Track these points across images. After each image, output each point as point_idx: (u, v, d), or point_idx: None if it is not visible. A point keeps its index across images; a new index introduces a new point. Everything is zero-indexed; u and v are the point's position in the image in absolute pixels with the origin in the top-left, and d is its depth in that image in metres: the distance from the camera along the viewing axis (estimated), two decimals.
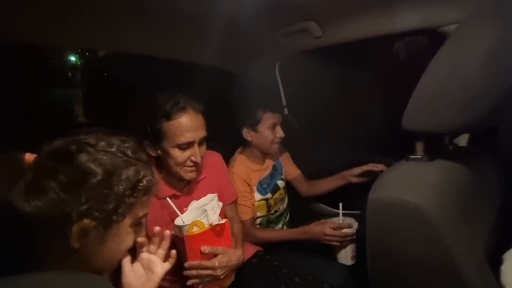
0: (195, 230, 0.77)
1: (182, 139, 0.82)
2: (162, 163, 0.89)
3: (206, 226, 0.78)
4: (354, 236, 1.01)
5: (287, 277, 0.99)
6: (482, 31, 0.44)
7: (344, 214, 1.07)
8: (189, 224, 0.76)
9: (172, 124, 0.81)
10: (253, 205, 1.17)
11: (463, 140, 0.75)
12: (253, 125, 1.14)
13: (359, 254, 1.04)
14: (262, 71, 1.44)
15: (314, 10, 0.88)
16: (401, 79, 0.71)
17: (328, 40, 1.06)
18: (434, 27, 0.77)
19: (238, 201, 1.11)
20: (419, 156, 0.55)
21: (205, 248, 0.78)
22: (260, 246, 1.16)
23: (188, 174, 0.87)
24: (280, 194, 1.27)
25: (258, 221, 1.22)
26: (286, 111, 1.51)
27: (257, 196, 1.20)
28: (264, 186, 1.21)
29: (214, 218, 0.81)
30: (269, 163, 1.25)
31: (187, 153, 0.84)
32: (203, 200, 0.89)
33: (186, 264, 0.78)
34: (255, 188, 1.19)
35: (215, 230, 0.79)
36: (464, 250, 0.44)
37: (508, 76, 0.42)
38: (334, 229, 1.00)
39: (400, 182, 0.50)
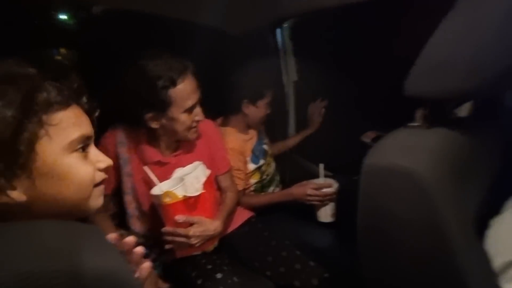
0: (167, 200, 0.78)
1: (190, 102, 0.83)
2: (154, 131, 0.88)
3: (180, 197, 0.78)
4: (334, 196, 1.06)
5: (275, 249, 1.02)
6: None
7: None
8: (161, 194, 0.78)
9: (178, 90, 0.81)
10: (245, 177, 1.18)
11: (464, 111, 0.74)
12: (255, 99, 1.15)
13: (348, 222, 1.09)
14: (263, 38, 1.38)
15: None
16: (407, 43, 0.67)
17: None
18: None
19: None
20: (418, 124, 0.55)
21: (179, 218, 0.81)
22: (253, 211, 1.20)
23: (194, 134, 0.90)
24: (269, 157, 1.31)
25: (252, 187, 1.25)
26: (296, 77, 1.51)
27: (251, 166, 1.22)
28: (257, 154, 1.24)
29: (198, 186, 0.81)
30: (253, 132, 1.27)
31: (192, 114, 0.86)
32: (188, 167, 0.89)
33: (162, 230, 0.82)
34: (249, 159, 1.21)
35: (188, 202, 0.80)
36: (453, 214, 0.45)
37: None
38: (315, 189, 1.04)
39: (396, 148, 0.50)
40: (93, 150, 0.48)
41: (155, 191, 0.82)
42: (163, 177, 0.86)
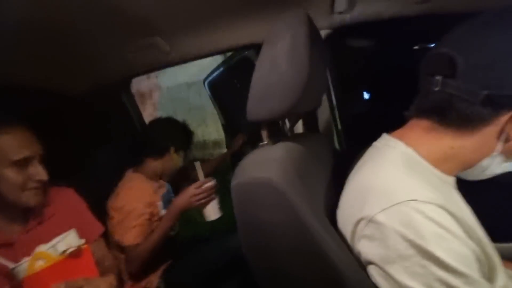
0: (40, 265, 0.61)
1: (19, 155, 0.70)
2: None
3: (57, 256, 0.63)
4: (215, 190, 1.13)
5: None
6: (283, 36, 0.57)
7: None
8: (28, 262, 0.60)
9: (2, 139, 0.70)
10: (149, 222, 1.12)
11: (299, 127, 0.94)
12: (162, 154, 1.22)
13: None
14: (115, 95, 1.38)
15: (157, 25, 0.89)
16: None
17: (178, 56, 1.10)
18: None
19: (132, 222, 1.04)
20: (266, 142, 0.65)
21: (58, 286, 0.62)
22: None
23: (33, 198, 0.74)
24: None
25: None
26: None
27: (163, 212, 1.20)
28: (165, 202, 1.23)
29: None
30: (162, 182, 1.29)
31: (27, 172, 0.72)
32: (56, 239, 0.71)
33: None
34: (160, 203, 1.19)
35: (68, 262, 0.65)
36: (308, 208, 0.54)
37: (303, 71, 0.55)
38: (198, 187, 1.08)
39: (253, 164, 0.57)
40: None
41: (14, 265, 0.61)
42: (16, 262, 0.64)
